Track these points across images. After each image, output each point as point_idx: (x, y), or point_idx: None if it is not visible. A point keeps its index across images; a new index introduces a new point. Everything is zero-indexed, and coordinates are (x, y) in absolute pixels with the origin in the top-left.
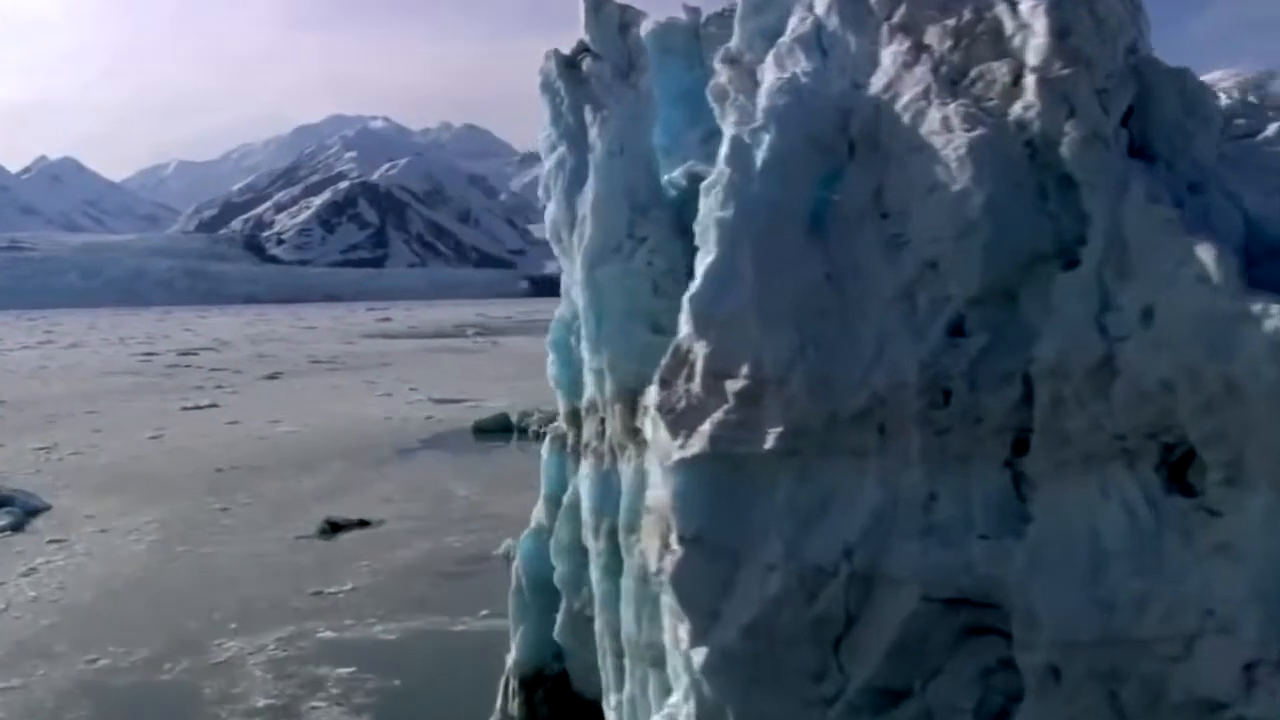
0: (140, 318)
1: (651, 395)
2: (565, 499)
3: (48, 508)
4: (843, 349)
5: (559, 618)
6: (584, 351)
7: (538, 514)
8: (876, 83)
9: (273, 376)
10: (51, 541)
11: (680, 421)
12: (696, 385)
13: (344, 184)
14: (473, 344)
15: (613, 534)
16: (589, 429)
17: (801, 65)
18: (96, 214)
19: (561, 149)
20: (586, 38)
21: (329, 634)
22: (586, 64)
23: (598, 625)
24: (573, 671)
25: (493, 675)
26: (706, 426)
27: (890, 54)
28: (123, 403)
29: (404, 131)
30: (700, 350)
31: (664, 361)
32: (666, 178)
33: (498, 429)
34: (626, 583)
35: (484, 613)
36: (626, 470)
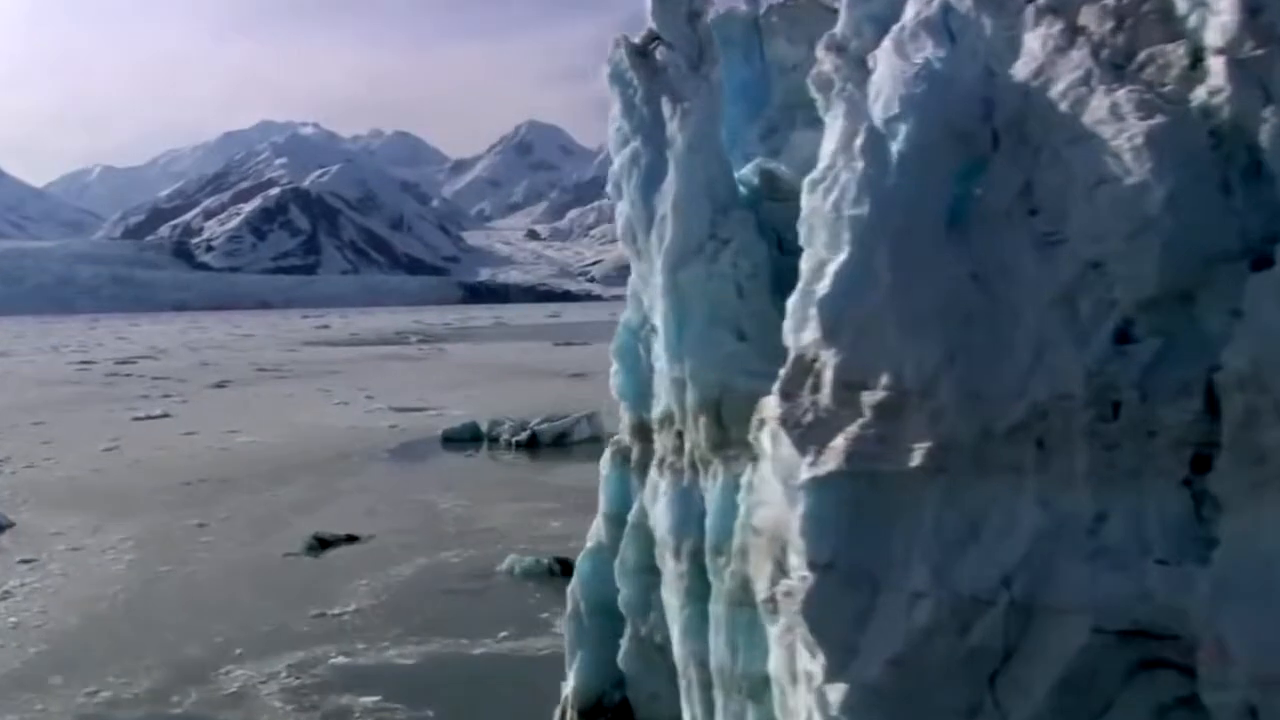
0: (68, 325)
1: (769, 407)
2: (630, 517)
3: (11, 524)
4: (994, 357)
5: (624, 644)
6: (659, 360)
7: (595, 533)
8: (1022, 69)
9: (220, 385)
10: (23, 561)
11: (808, 436)
12: (825, 397)
13: (275, 190)
14: (418, 351)
15: (696, 555)
16: (663, 443)
17: (928, 51)
18: (18, 220)
19: (635, 144)
20: (654, 25)
21: (342, 659)
22: (660, 53)
23: (679, 653)
24: (635, 700)
25: (529, 703)
26: (840, 442)
27: (1038, 38)
28: (68, 413)
29: (334, 138)
30: (829, 359)
31: (784, 371)
32: (735, 175)
33: (467, 438)
34: (716, 608)
35: (502, 634)
36: (712, 487)
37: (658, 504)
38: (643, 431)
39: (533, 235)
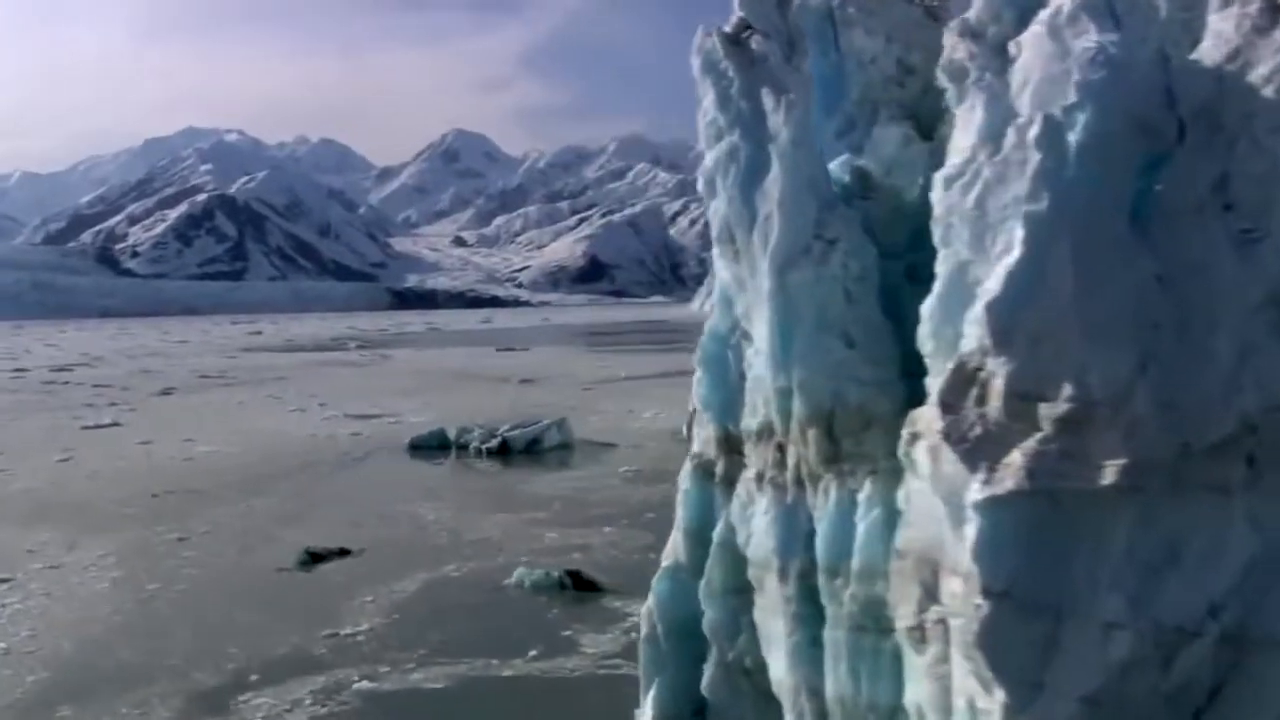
0: None
1: (923, 419)
2: (716, 536)
3: None
4: (1191, 366)
5: (708, 669)
6: (754, 368)
7: (674, 551)
8: (1212, 53)
9: (166, 393)
10: None
11: (977, 452)
12: (995, 409)
13: (201, 197)
14: (360, 357)
15: (804, 577)
16: (761, 457)
17: (1093, 36)
18: None
19: (733, 138)
20: (744, 14)
21: (367, 684)
22: (756, 43)
23: (787, 682)
24: None
25: None
26: (1018, 458)
27: (1230, 19)
28: (12, 422)
29: (260, 145)
30: (999, 368)
31: (943, 381)
32: None
33: (435, 445)
34: (835, 634)
35: (531, 654)
36: (822, 504)
37: (754, 522)
38: (730, 444)
39: (460, 242)
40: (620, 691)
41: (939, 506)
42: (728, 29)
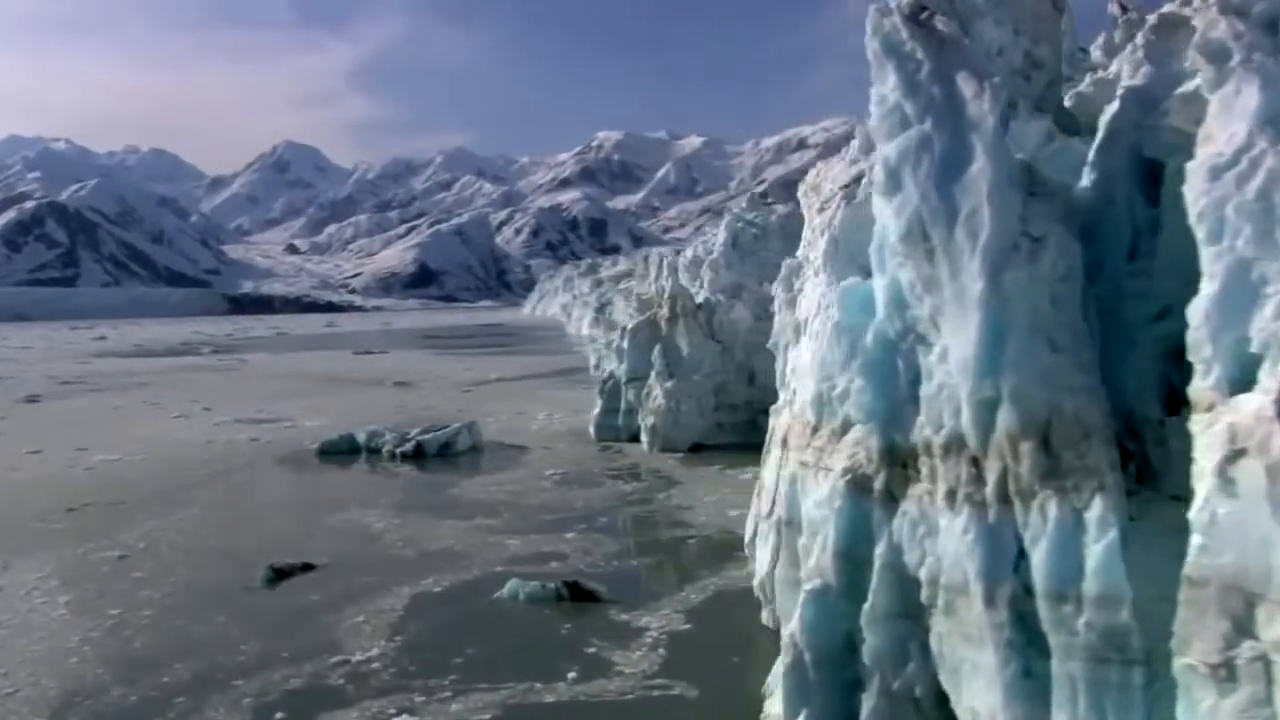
0: None
1: (1254, 436)
2: (879, 557)
3: None
4: None
5: (869, 699)
6: (936, 376)
7: (818, 572)
8: None
9: (32, 399)
10: None
11: None
12: None
13: (29, 204)
14: (218, 362)
15: (1015, 603)
16: (952, 472)
17: None
18: None
19: (924, 127)
20: None
21: (408, 719)
22: (942, 23)
23: (1003, 717)
24: None
25: None
26: None
27: None
28: None
29: (88, 153)
30: None
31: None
32: None
33: (345, 450)
34: (1068, 666)
35: (571, 676)
36: (1038, 523)
37: (941, 543)
38: (895, 457)
39: (293, 249)
40: (681, 716)
41: (1269, 531)
42: (903, 8)
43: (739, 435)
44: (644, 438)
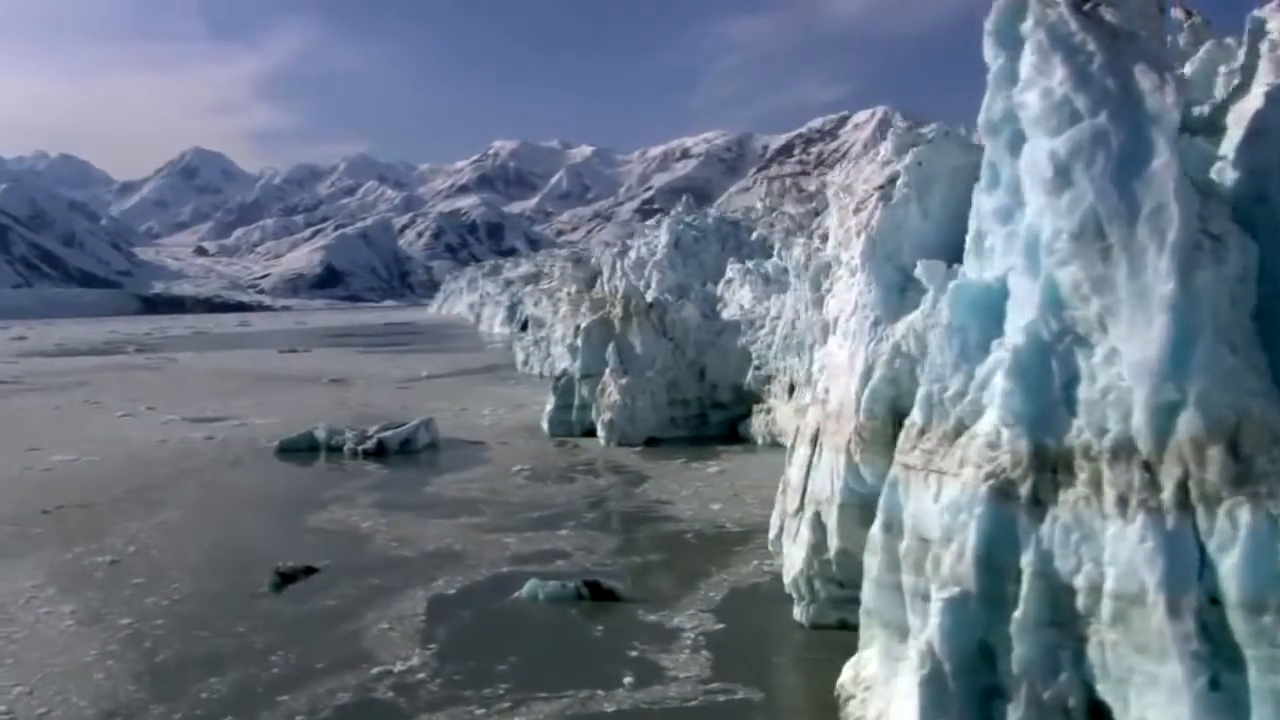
0: None
1: None
2: (1028, 564)
3: None
4: None
5: (1016, 710)
6: (1106, 379)
7: (957, 579)
8: None
9: None
10: None
11: None
12: None
13: None
14: (146, 360)
15: (1202, 612)
16: (1122, 478)
17: None
18: None
19: (1099, 121)
20: None
21: None
22: (1110, 14)
23: None
24: None
25: None
26: None
27: None
28: None
29: None
30: None
31: None
32: None
33: (305, 448)
34: (1274, 680)
35: (626, 681)
36: (1229, 530)
37: (1114, 550)
38: (1044, 461)
39: (202, 251)
40: None
41: None
42: None
43: (690, 429)
44: (600, 432)
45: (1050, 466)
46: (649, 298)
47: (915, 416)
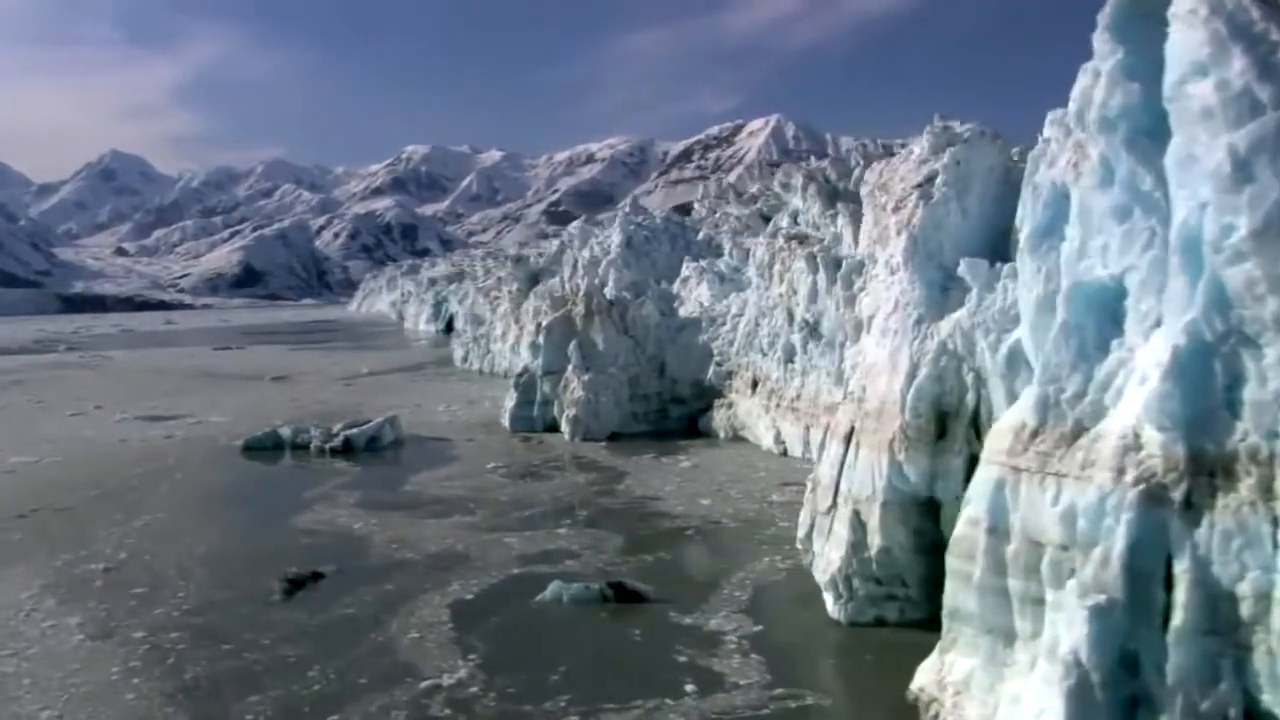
0: None
1: None
2: (1185, 571)
3: None
4: None
5: None
6: (1277, 379)
7: (1103, 586)
8: None
9: None
10: None
11: None
12: None
13: None
14: (80, 359)
15: None
16: None
17: None
18: None
19: None
20: None
21: None
22: None
23: None
24: None
25: None
26: None
27: None
28: None
29: None
30: None
31: None
32: None
33: (270, 446)
34: None
35: (689, 689)
36: None
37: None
38: (1201, 465)
39: (121, 252)
40: None
41: None
42: None
43: (651, 424)
44: (565, 428)
45: (1208, 471)
46: (610, 295)
47: (1025, 417)
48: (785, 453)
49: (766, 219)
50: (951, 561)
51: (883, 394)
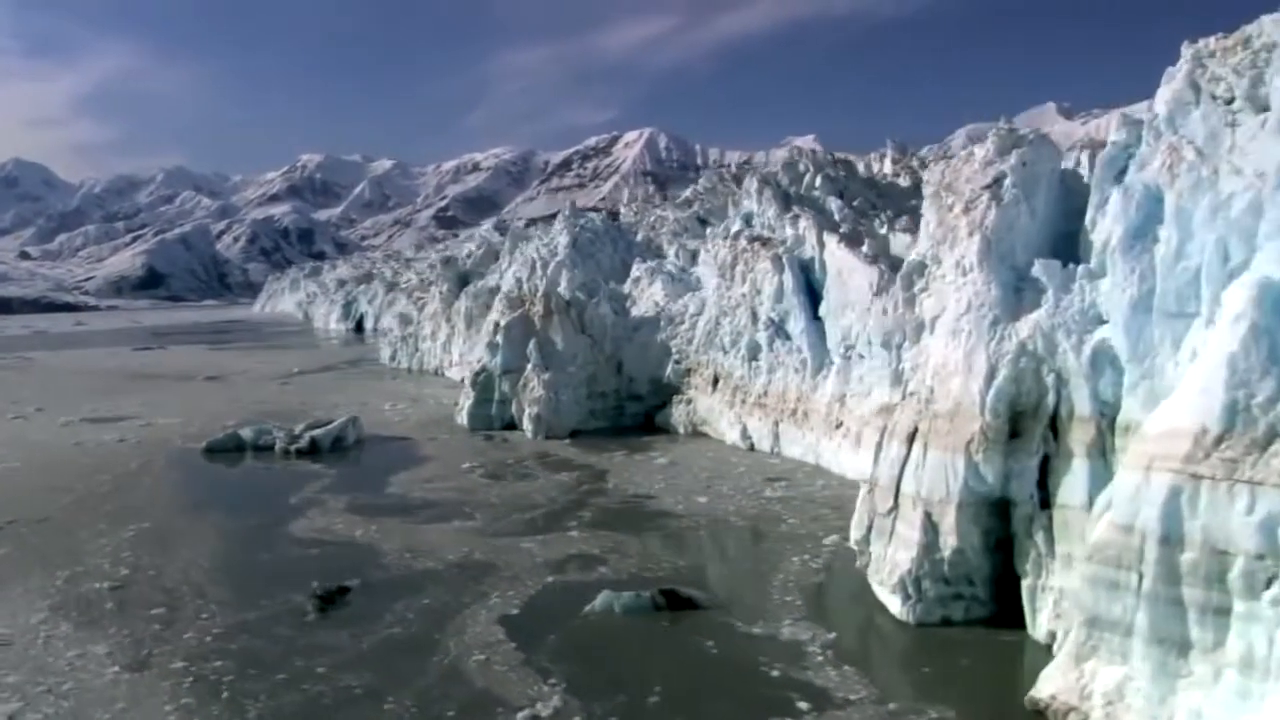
0: None
1: None
2: None
3: None
4: None
5: None
6: None
7: None
8: None
9: None
10: None
11: None
12: None
13: None
14: (1, 361)
15: None
16: None
17: None
18: None
19: None
20: None
21: None
22: None
23: None
24: None
25: None
26: None
27: None
28: None
29: None
30: None
31: None
32: None
33: (232, 448)
34: None
35: (803, 706)
36: None
37: None
38: None
39: (25, 255)
40: None
41: None
42: None
43: (609, 420)
44: (527, 425)
45: None
46: (568, 295)
47: (1207, 423)
48: (752, 447)
49: (704, 222)
50: (1093, 569)
51: (957, 395)
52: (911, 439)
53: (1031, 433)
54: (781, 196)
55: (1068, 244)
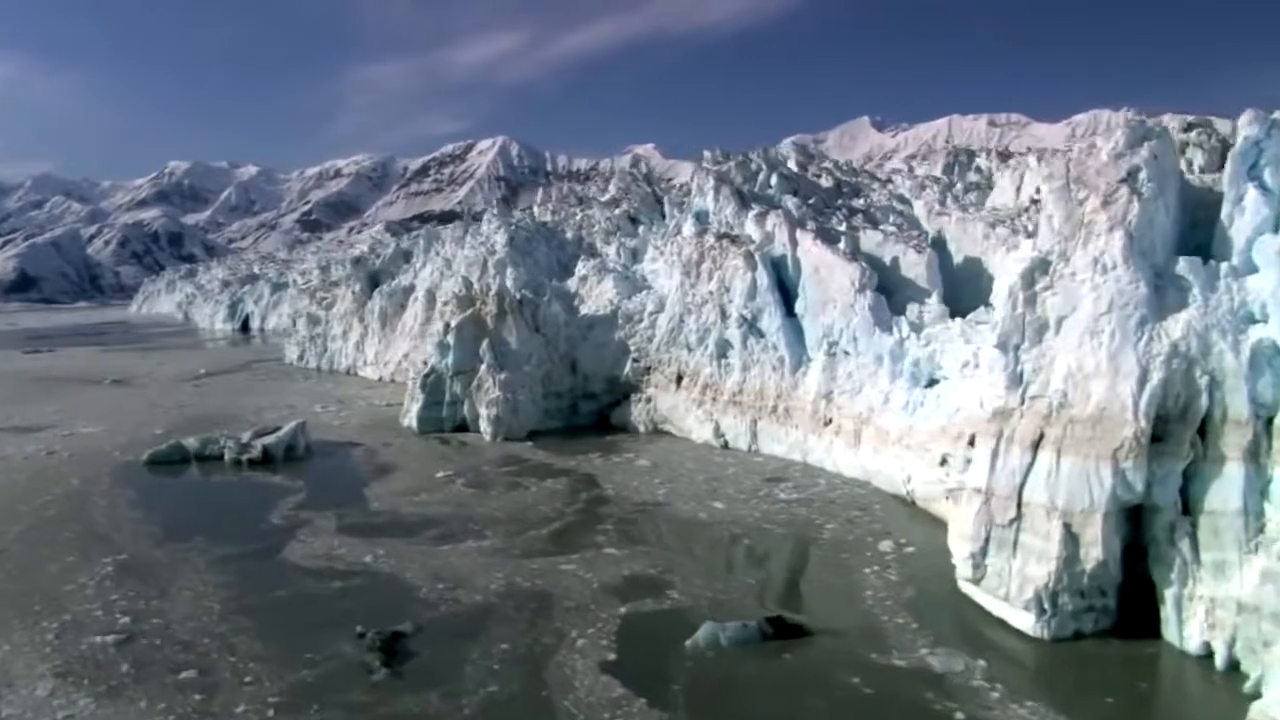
0: None
1: None
2: None
3: None
4: None
5: None
6: None
7: None
8: None
9: None
10: None
11: None
12: None
13: None
14: None
15: None
16: None
17: None
18: None
19: None
20: None
21: None
22: None
23: None
24: None
25: None
26: None
27: None
28: None
29: None
30: None
31: None
32: None
33: (178, 459)
34: None
35: None
36: None
37: None
38: None
39: None
40: None
41: None
42: None
43: (563, 420)
44: (485, 428)
45: None
46: (519, 295)
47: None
48: (726, 445)
49: (635, 221)
50: None
51: (1100, 399)
52: (1036, 446)
53: (1180, 437)
54: (737, 195)
55: (1186, 241)
